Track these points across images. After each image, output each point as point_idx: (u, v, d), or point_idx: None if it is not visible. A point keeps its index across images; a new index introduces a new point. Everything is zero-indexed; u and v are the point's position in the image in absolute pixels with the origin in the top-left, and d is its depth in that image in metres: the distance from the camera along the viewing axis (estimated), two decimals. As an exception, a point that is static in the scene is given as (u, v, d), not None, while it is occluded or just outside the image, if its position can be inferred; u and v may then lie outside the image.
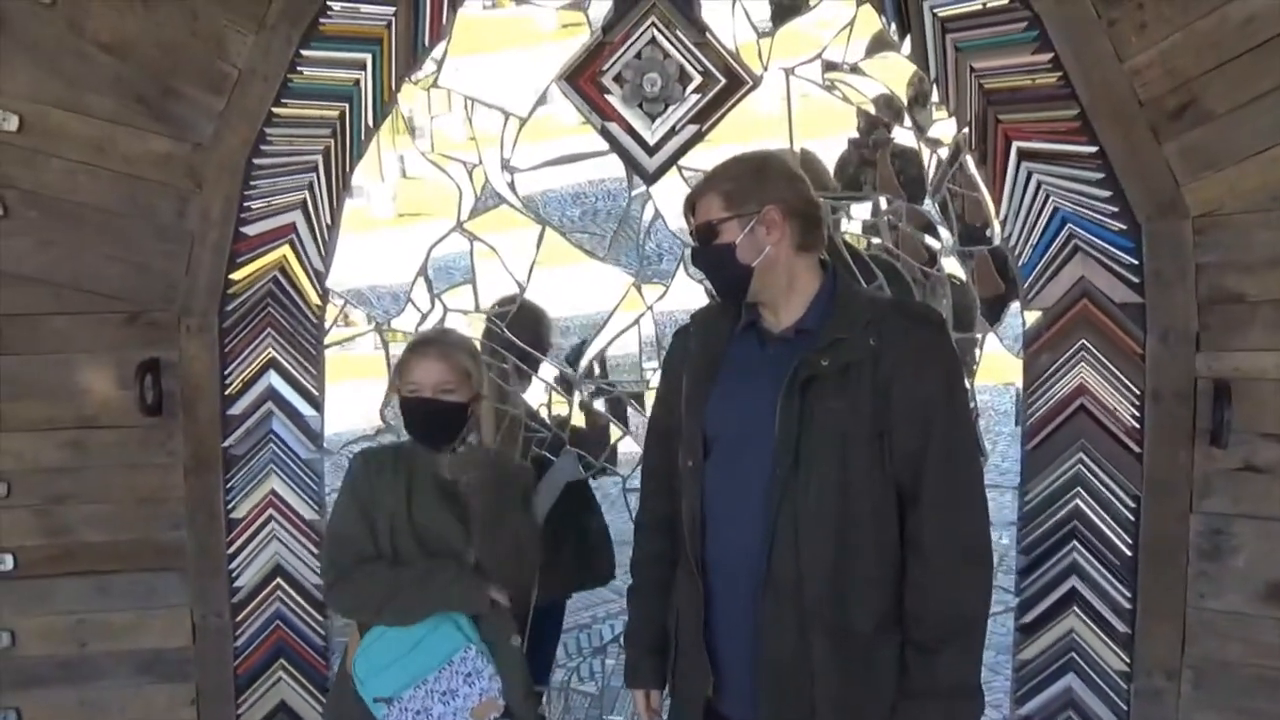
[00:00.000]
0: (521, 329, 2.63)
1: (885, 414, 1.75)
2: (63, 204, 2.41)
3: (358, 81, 2.43)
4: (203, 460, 2.53)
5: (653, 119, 2.40)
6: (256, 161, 2.44)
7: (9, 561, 2.48)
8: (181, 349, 2.49)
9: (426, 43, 2.44)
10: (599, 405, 2.71)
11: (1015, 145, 2.22)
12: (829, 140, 4.42)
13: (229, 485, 2.54)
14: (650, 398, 2.21)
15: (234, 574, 2.56)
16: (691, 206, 1.87)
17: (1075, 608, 2.32)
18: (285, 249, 2.50)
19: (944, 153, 2.34)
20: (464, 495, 2.11)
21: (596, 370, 2.59)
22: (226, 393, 2.52)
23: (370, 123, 2.46)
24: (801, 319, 1.83)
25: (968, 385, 2.20)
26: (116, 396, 2.49)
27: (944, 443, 1.76)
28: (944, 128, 2.36)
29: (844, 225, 2.66)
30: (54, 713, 2.54)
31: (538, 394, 2.70)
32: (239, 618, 2.57)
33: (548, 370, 2.69)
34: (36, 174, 2.39)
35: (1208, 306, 2.17)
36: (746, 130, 3.43)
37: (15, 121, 2.36)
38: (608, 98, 2.41)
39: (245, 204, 2.46)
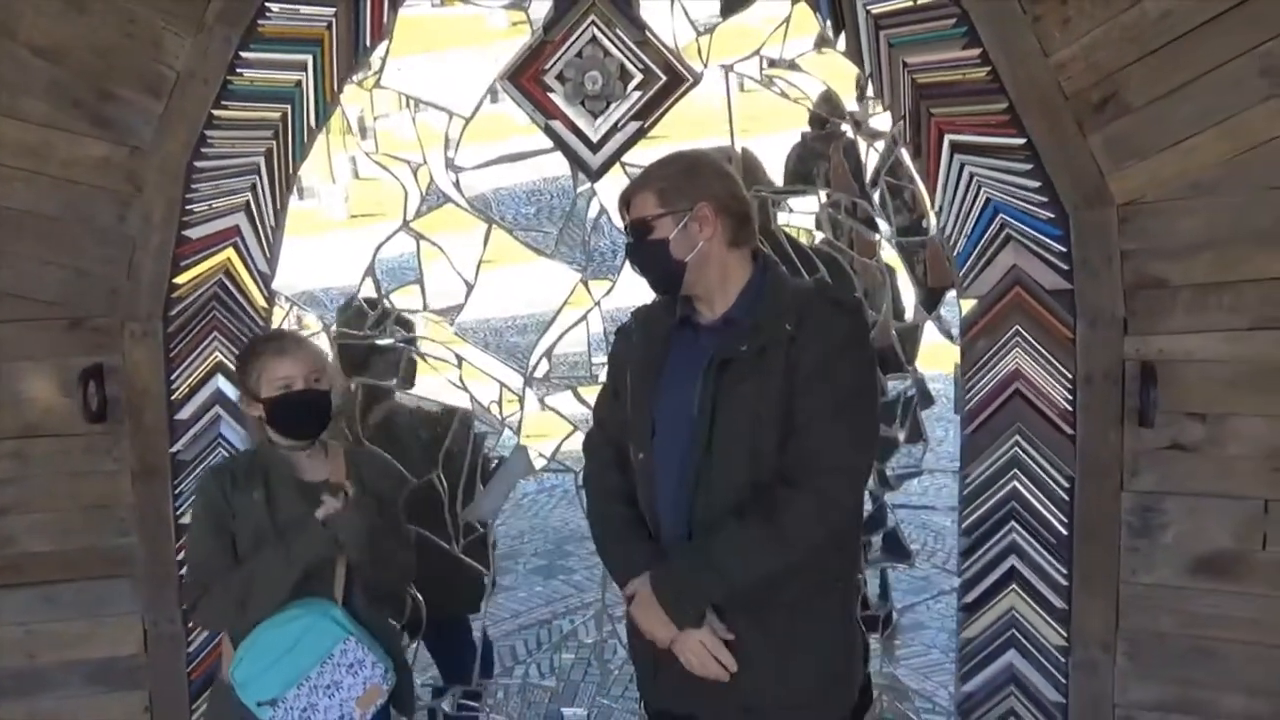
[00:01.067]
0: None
1: (793, 389, 1.80)
2: (-1, 211, 2.39)
3: (299, 83, 2.43)
4: (150, 466, 2.51)
5: (595, 116, 2.43)
6: (198, 164, 2.43)
7: (-48, 574, 2.45)
8: (125, 354, 2.47)
9: (368, 43, 2.44)
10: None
11: (948, 138, 2.28)
12: (783, 135, 4.48)
13: (178, 491, 2.53)
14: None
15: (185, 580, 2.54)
16: (626, 203, 1.92)
17: (1015, 586, 2.38)
18: (229, 252, 2.50)
19: (881, 145, 2.40)
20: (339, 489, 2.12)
21: (546, 366, 2.60)
22: (173, 398, 2.51)
23: (312, 124, 2.46)
24: (730, 309, 1.90)
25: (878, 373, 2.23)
26: (60, 404, 2.46)
27: (829, 399, 1.79)
28: (883, 121, 2.42)
29: (783, 219, 2.70)
30: (5, 727, 2.52)
31: (489, 391, 2.71)
32: (191, 624, 2.56)
33: (501, 369, 2.71)
34: (-30, 181, 2.36)
35: (1133, 292, 2.24)
36: (694, 127, 3.47)
37: (-53, 128, 2.33)
38: (551, 96, 2.44)
39: (187, 207, 2.45)
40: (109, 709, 2.55)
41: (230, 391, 2.52)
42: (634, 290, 2.56)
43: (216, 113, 2.41)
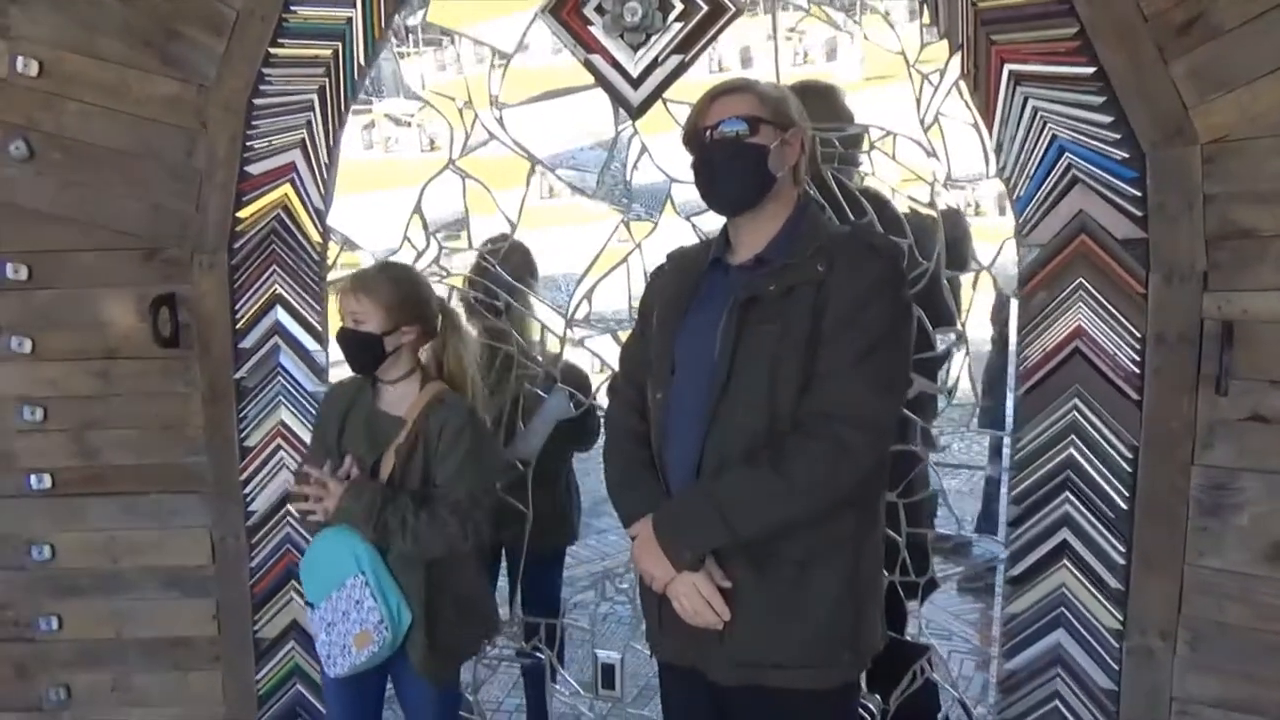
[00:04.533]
0: (508, 265, 2.64)
1: (819, 333, 1.71)
2: (82, 146, 2.54)
3: (350, 19, 2.46)
4: (218, 390, 2.65)
5: (635, 50, 2.34)
6: (256, 102, 2.51)
7: (48, 480, 2.68)
8: (195, 284, 2.60)
9: (415, -21, 2.44)
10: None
11: (1007, 68, 2.07)
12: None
13: (242, 414, 2.66)
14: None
15: (248, 498, 2.69)
16: (711, 101, 1.83)
17: (1066, 561, 2.20)
18: (287, 188, 2.58)
19: (935, 79, 2.20)
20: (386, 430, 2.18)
21: (587, 308, 2.57)
22: (237, 327, 2.63)
23: (363, 61, 2.49)
24: (765, 249, 1.83)
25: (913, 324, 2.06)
26: (138, 329, 2.62)
27: (855, 345, 1.70)
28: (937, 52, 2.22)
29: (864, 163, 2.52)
30: (91, 622, 2.75)
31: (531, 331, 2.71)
32: (254, 540, 2.71)
33: (541, 309, 2.70)
34: (57, 117, 2.52)
35: (1216, 242, 1.99)
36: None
37: (35, 67, 2.49)
38: (590, 29, 2.37)
39: (248, 144, 2.54)
40: (181, 612, 2.74)
41: (288, 323, 2.63)
42: (676, 233, 2.50)
43: (273, 50, 2.48)
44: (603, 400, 2.51)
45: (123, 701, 2.77)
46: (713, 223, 2.22)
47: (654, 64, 2.34)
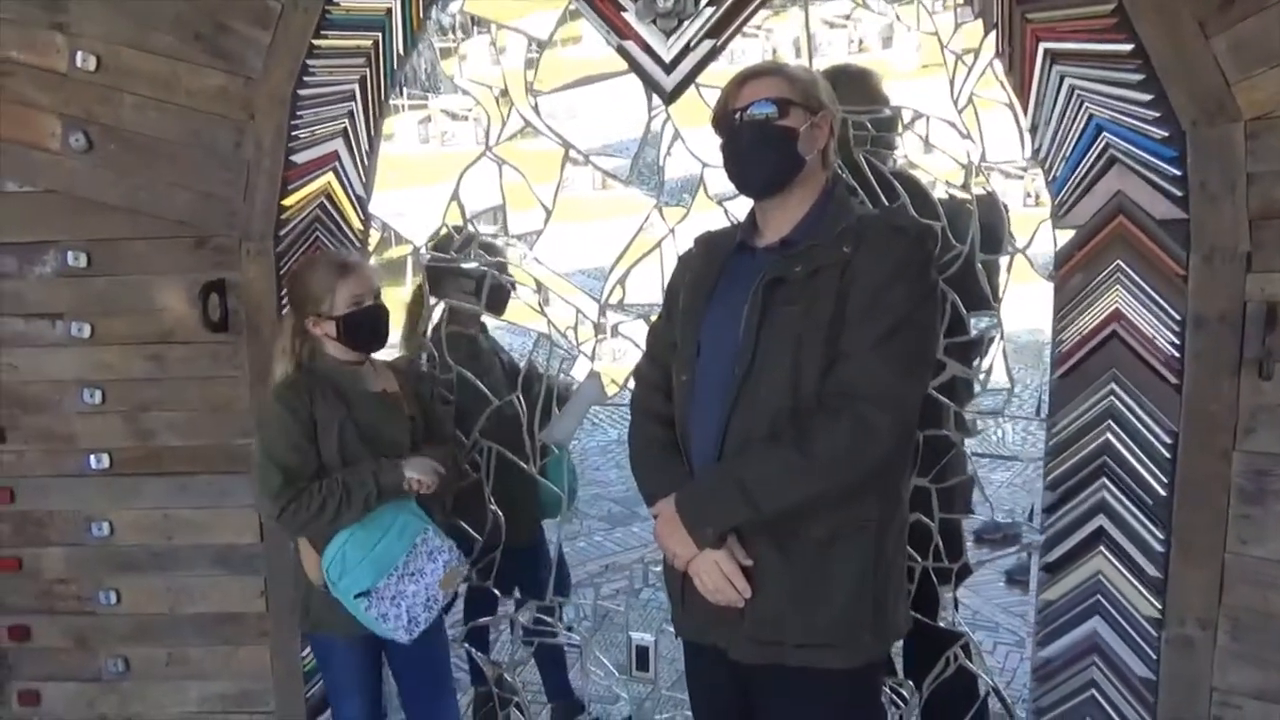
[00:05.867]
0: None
1: (843, 314, 1.72)
2: (137, 137, 2.63)
3: (389, 10, 2.51)
4: (265, 375, 2.70)
5: (667, 35, 2.35)
6: (300, 93, 2.57)
7: (106, 460, 2.78)
8: (243, 271, 2.68)
9: (451, -30, 2.49)
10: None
11: (1043, 46, 2.04)
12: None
13: (287, 398, 2.73)
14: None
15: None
16: (741, 84, 1.85)
17: (1103, 548, 2.17)
18: (329, 176, 2.65)
19: (969, 59, 2.17)
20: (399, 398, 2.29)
21: (620, 294, 2.59)
22: (283, 312, 2.70)
23: (401, 51, 2.54)
24: (791, 231, 1.84)
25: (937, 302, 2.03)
26: (190, 315, 2.71)
27: (878, 325, 1.70)
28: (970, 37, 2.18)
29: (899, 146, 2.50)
30: (148, 596, 2.85)
31: (566, 316, 2.74)
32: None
33: (578, 294, 2.73)
34: (114, 109, 2.61)
35: (1260, 222, 1.93)
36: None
37: (94, 61, 2.58)
38: (623, 15, 2.38)
39: (293, 134, 2.60)
40: (231, 589, 2.83)
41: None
42: (708, 218, 2.50)
43: (316, 42, 2.53)
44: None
45: (177, 674, 2.88)
46: (745, 208, 2.22)
47: (686, 49, 2.35)
